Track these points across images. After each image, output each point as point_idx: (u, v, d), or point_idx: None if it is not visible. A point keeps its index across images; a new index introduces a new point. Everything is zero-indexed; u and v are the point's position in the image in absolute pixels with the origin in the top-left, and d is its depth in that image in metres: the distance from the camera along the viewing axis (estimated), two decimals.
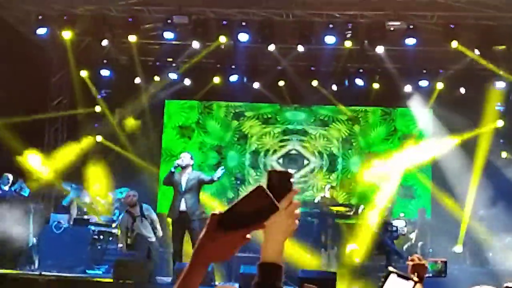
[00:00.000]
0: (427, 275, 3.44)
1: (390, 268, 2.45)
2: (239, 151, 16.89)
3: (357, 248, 12.85)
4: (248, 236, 1.53)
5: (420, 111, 15.90)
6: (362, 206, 14.25)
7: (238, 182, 15.65)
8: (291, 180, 1.63)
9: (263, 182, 1.55)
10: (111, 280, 10.04)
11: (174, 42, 13.92)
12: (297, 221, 1.66)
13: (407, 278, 2.41)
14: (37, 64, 14.46)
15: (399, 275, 2.43)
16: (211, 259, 1.57)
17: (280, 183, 1.58)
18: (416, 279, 2.41)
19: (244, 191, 11.26)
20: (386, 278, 2.41)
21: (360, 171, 16.10)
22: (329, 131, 16.77)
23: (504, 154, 15.29)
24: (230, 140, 17.01)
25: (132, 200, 11.54)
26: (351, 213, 13.98)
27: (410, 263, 3.44)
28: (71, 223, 12.94)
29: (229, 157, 16.82)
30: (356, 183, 16.33)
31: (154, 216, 11.75)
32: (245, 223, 1.50)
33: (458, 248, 13.46)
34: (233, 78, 15.35)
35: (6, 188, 12.35)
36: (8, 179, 12.29)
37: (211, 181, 10.66)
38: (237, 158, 16.81)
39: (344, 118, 16.76)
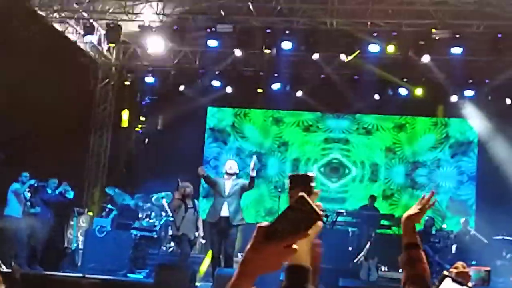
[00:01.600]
0: (470, 284, 3.39)
1: (445, 272, 2.41)
2: (279, 158, 16.87)
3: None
4: (294, 246, 1.49)
5: (474, 119, 15.66)
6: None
7: (279, 190, 15.58)
8: (312, 183, 1.63)
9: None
10: (152, 285, 10.14)
11: (218, 50, 14.04)
12: (321, 222, 1.64)
13: (462, 284, 2.36)
14: (83, 70, 14.75)
15: (454, 280, 2.38)
16: (258, 271, 1.53)
17: (303, 187, 1.56)
18: (470, 285, 2.34)
19: (283, 201, 11.33)
20: (440, 282, 2.38)
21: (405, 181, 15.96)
22: (372, 140, 16.62)
23: None
24: (270, 146, 17.03)
25: (185, 191, 11.45)
26: (393, 223, 13.82)
27: (454, 270, 3.39)
28: (114, 227, 13.12)
29: (270, 165, 16.81)
30: (400, 193, 16.16)
31: (199, 216, 11.76)
32: (289, 233, 1.47)
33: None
34: (276, 86, 15.39)
35: (51, 192, 12.58)
36: (54, 183, 12.53)
37: (251, 180, 10.61)
38: (277, 166, 16.78)
39: (390, 126, 16.60)
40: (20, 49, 12.31)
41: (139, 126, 16.52)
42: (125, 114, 16.04)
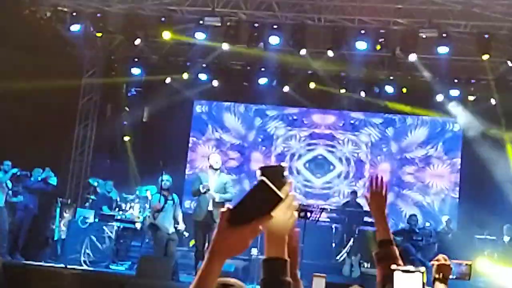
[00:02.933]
0: (451, 276, 3.40)
1: (393, 266, 2.40)
2: (264, 153, 16.83)
3: None
4: (261, 228, 1.56)
5: (460, 118, 15.72)
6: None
7: None
8: (285, 173, 1.62)
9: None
10: (134, 277, 10.12)
11: (205, 43, 14.00)
12: (296, 213, 1.65)
13: (412, 271, 2.35)
14: (69, 60, 14.64)
15: (403, 271, 2.37)
16: (227, 254, 1.60)
17: (274, 178, 1.56)
18: (423, 269, 2.33)
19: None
20: (391, 277, 2.36)
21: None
22: (359, 136, 16.59)
23: None
24: (254, 140, 16.96)
25: (165, 185, 11.49)
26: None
27: (435, 263, 3.41)
28: (97, 218, 13.06)
29: (253, 159, 16.75)
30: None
31: (179, 209, 11.75)
32: (253, 217, 1.54)
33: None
34: (263, 80, 15.39)
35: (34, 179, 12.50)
36: (39, 172, 12.45)
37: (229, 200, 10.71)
38: (261, 161, 16.72)
39: (379, 122, 16.54)
40: (4, 39, 12.20)
41: (124, 117, 16.43)
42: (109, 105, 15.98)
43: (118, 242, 12.71)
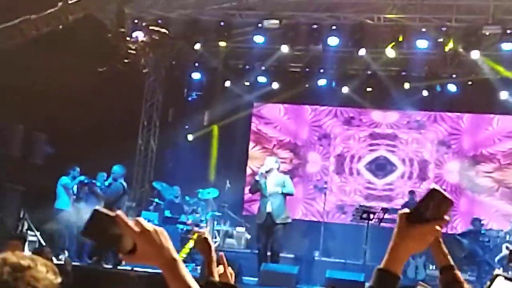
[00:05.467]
0: None
1: (497, 271, 2.37)
2: (322, 153, 16.44)
3: None
4: (438, 228, 1.68)
5: None
6: (450, 215, 13.85)
7: (324, 189, 14.54)
8: (449, 210, 1.72)
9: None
10: (198, 279, 10.22)
11: (264, 46, 14.07)
12: (428, 243, 1.73)
13: None
14: (131, 66, 14.93)
15: (506, 278, 2.33)
16: (408, 253, 1.71)
17: (439, 205, 1.68)
18: None
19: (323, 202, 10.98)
20: (492, 281, 2.33)
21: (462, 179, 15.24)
22: (424, 134, 15.83)
23: None
24: (308, 138, 16.62)
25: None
26: None
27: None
28: (161, 221, 13.28)
29: (310, 161, 16.44)
30: (454, 193, 15.11)
31: None
32: (429, 219, 1.67)
33: None
34: (322, 82, 15.33)
35: (100, 185, 12.80)
36: (103, 177, 12.74)
37: (291, 194, 10.77)
38: (319, 162, 16.36)
39: (446, 118, 15.75)
40: (66, 45, 12.53)
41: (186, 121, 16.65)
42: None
43: (182, 245, 12.87)
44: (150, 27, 12.53)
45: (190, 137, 16.33)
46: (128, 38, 12.86)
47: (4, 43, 6.94)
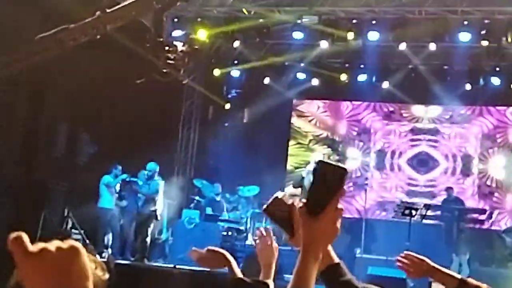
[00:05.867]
0: None
1: None
2: (362, 149, 16.37)
3: None
4: (339, 206, 1.56)
5: None
6: (496, 211, 13.62)
7: (366, 185, 14.35)
8: (344, 178, 1.57)
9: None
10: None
11: (303, 42, 14.01)
12: (338, 226, 1.59)
13: None
14: (171, 64, 15.00)
15: None
16: (320, 245, 1.59)
17: (332, 178, 1.55)
18: None
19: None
20: None
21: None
22: (468, 128, 15.54)
23: None
24: (346, 133, 16.51)
25: None
26: (484, 218, 13.39)
27: None
28: (202, 219, 13.36)
29: (349, 157, 16.34)
30: (499, 190, 15.05)
31: None
32: (328, 199, 1.54)
33: None
34: (362, 77, 15.19)
35: (142, 183, 12.93)
36: (145, 175, 12.87)
37: None
38: (359, 158, 16.25)
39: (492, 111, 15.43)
40: (106, 44, 12.63)
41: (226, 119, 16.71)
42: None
43: (223, 242, 12.93)
44: (190, 37, 12.61)
45: (229, 135, 16.37)
46: (166, 48, 12.90)
47: (42, 54, 7.00)
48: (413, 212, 11.55)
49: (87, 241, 11.27)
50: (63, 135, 12.96)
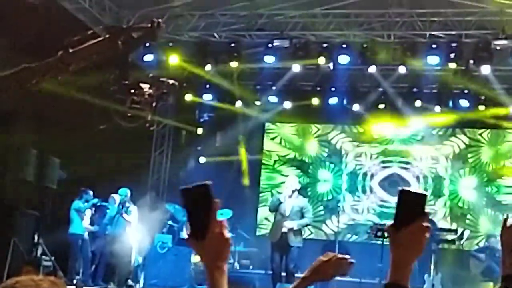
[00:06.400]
0: None
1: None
2: (333, 171, 16.37)
3: None
4: (425, 224, 1.66)
5: None
6: (467, 231, 13.75)
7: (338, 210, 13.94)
8: (424, 203, 1.69)
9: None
10: None
11: (274, 66, 14.11)
12: (424, 243, 1.69)
13: None
14: (138, 110, 14.97)
15: None
16: (408, 260, 1.68)
17: (413, 205, 1.68)
18: None
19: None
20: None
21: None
22: (439, 149, 15.65)
23: None
24: (316, 155, 16.54)
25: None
26: (455, 238, 13.51)
27: None
28: (175, 243, 13.25)
29: (320, 179, 16.29)
30: (471, 212, 15.11)
31: None
32: (412, 218, 1.66)
33: None
34: (333, 100, 15.29)
35: (113, 208, 12.82)
36: (114, 200, 12.77)
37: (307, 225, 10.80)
38: (331, 181, 16.23)
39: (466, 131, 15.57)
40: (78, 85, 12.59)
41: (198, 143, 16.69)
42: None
43: (196, 266, 12.84)
44: (161, 79, 12.44)
45: (202, 159, 16.35)
46: (132, 91, 12.60)
47: (2, 93, 6.79)
48: (386, 233, 11.60)
49: (57, 268, 11.11)
50: (32, 161, 12.81)
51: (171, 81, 9.15)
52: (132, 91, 8.34)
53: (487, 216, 15.08)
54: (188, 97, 15.83)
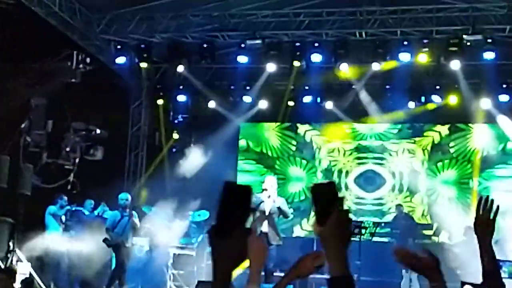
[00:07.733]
0: None
1: (466, 287, 2.38)
2: (306, 168, 16.37)
3: None
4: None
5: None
6: (445, 226, 13.91)
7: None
8: (335, 190, 1.73)
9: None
10: None
11: (248, 66, 14.11)
12: (349, 227, 1.73)
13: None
14: (116, 92, 14.91)
15: (473, 285, 2.36)
16: (338, 248, 1.69)
17: (327, 196, 1.71)
18: None
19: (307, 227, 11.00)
20: None
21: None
22: (417, 141, 15.55)
23: None
24: (286, 150, 16.45)
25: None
26: (432, 233, 13.63)
27: None
28: (152, 246, 13.16)
29: (292, 177, 16.28)
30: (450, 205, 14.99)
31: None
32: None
33: None
34: (307, 99, 15.32)
35: (88, 213, 12.71)
36: (91, 204, 12.66)
37: (287, 217, 10.86)
38: (305, 179, 16.07)
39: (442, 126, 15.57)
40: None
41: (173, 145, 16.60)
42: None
43: (174, 268, 12.79)
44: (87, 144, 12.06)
45: (177, 159, 16.27)
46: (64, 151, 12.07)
47: None
48: (363, 230, 11.68)
49: (34, 275, 10.97)
50: (5, 167, 12.62)
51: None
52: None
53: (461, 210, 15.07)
54: (162, 97, 15.78)
